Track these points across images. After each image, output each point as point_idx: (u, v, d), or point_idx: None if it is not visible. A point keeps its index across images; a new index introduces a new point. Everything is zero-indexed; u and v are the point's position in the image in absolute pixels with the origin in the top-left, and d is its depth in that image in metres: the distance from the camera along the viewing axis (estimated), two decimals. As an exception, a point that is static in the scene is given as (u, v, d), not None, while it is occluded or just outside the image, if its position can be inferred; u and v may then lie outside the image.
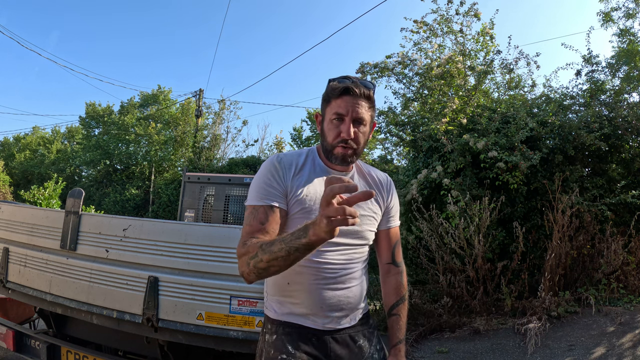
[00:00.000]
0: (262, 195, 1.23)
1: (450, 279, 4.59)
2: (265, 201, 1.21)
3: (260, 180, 1.26)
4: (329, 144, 1.26)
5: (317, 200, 1.24)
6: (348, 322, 1.30)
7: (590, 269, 4.59)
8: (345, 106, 1.22)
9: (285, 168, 1.26)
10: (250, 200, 1.25)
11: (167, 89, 24.46)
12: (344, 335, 1.29)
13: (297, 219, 1.23)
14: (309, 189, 1.26)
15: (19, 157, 26.92)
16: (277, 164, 1.26)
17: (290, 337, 1.24)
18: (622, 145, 5.38)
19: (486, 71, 6.18)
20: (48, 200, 11.31)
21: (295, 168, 1.27)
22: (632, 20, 6.41)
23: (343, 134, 1.22)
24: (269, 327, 1.30)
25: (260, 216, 1.20)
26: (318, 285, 1.25)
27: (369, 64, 6.55)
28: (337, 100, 1.23)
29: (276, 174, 1.25)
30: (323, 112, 1.30)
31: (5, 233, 2.67)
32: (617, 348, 3.40)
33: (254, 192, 1.25)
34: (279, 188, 1.23)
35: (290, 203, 1.24)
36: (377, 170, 1.45)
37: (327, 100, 1.27)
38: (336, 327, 1.28)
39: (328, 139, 1.26)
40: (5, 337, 2.62)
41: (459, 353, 3.87)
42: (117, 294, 2.19)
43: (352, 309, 1.31)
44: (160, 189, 17.11)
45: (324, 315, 1.26)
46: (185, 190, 4.51)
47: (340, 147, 1.24)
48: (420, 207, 4.89)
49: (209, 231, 2.14)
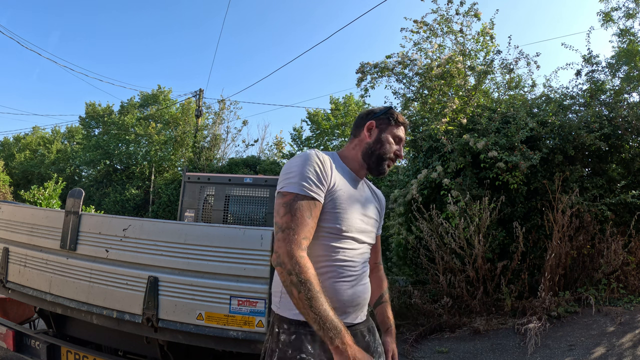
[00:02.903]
0: (308, 186, 1.22)
1: (450, 279, 4.60)
2: (311, 193, 1.22)
3: (305, 170, 1.24)
4: (381, 154, 1.43)
5: (348, 196, 1.33)
6: (361, 317, 1.38)
7: (590, 269, 4.59)
8: (404, 134, 1.51)
9: (326, 164, 1.30)
10: (292, 187, 1.22)
11: (167, 89, 24.51)
12: (356, 330, 1.34)
13: (329, 212, 1.28)
14: (343, 189, 1.33)
15: (19, 157, 26.93)
16: (322, 157, 1.30)
17: (310, 337, 1.24)
18: (622, 145, 5.38)
19: (486, 71, 6.17)
20: (48, 200, 11.30)
21: (331, 165, 1.32)
22: (632, 20, 6.42)
23: (400, 154, 1.47)
24: (286, 327, 1.28)
25: (304, 210, 1.20)
26: (342, 283, 1.29)
27: (369, 64, 6.55)
28: (400, 127, 1.49)
29: (323, 168, 1.27)
30: (380, 129, 1.46)
31: (5, 233, 2.67)
32: (617, 348, 3.40)
33: (297, 180, 1.22)
34: (325, 183, 1.27)
35: (329, 196, 1.28)
36: (373, 186, 1.65)
37: (390, 123, 1.47)
38: (352, 323, 1.34)
39: (384, 150, 1.44)
40: (5, 337, 2.62)
41: (459, 353, 3.87)
42: (117, 294, 2.19)
43: (365, 304, 1.40)
44: (160, 189, 17.13)
45: (344, 311, 1.31)
46: (185, 190, 4.50)
47: (390, 161, 1.45)
48: (420, 207, 4.89)
49: (209, 231, 2.13)
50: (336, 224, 1.29)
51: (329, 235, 1.29)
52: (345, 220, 1.30)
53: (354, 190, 1.39)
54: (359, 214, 1.36)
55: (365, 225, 1.39)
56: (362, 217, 1.38)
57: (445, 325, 4.45)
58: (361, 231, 1.37)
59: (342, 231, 1.30)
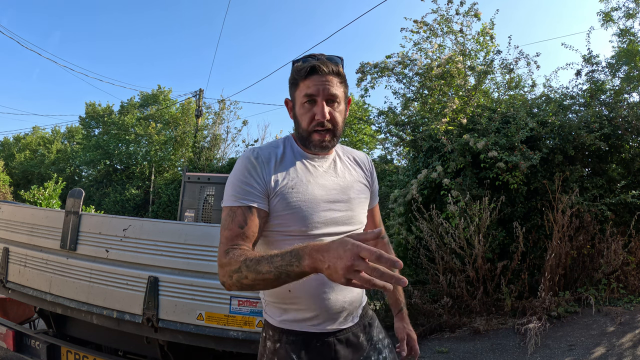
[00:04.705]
0: (239, 195, 1.14)
1: (450, 279, 4.59)
2: (242, 202, 1.13)
3: (236, 179, 1.16)
4: (304, 130, 1.19)
5: (302, 190, 1.17)
6: (351, 321, 1.26)
7: (590, 269, 4.59)
8: (314, 86, 1.15)
9: (264, 162, 1.17)
10: (227, 200, 1.15)
11: (167, 89, 24.52)
12: (347, 334, 1.25)
13: (282, 215, 1.15)
14: (294, 180, 1.17)
15: (19, 157, 26.93)
16: (254, 159, 1.17)
17: (293, 346, 1.20)
18: (622, 145, 5.38)
19: (486, 71, 6.17)
20: (48, 200, 11.30)
21: (275, 160, 1.19)
22: (632, 20, 6.42)
23: (318, 116, 1.15)
24: (271, 334, 1.24)
25: (239, 219, 1.11)
26: (322, 288, 1.18)
27: (369, 64, 6.55)
28: (305, 81, 1.16)
29: (253, 171, 1.15)
30: (292, 97, 1.23)
31: (5, 233, 2.67)
32: (617, 348, 3.40)
33: (230, 192, 1.16)
34: (258, 186, 1.14)
35: (274, 198, 1.15)
36: (354, 151, 1.40)
37: (295, 84, 1.19)
38: (340, 328, 1.24)
39: (303, 124, 1.19)
40: (5, 337, 2.62)
41: (459, 353, 3.87)
42: (117, 294, 2.19)
43: (355, 307, 1.27)
44: (160, 189, 17.13)
45: (329, 317, 1.21)
46: (185, 190, 4.50)
47: (317, 132, 1.17)
48: (420, 207, 4.89)
49: (209, 231, 2.13)
50: (295, 225, 1.15)
51: (292, 239, 1.15)
52: (304, 218, 1.15)
53: (311, 175, 1.20)
54: (324, 203, 1.18)
55: (338, 212, 1.20)
56: (330, 204, 1.19)
57: (445, 325, 4.45)
58: (333, 222, 1.19)
59: (305, 232, 1.15)
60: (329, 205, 1.19)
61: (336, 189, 1.23)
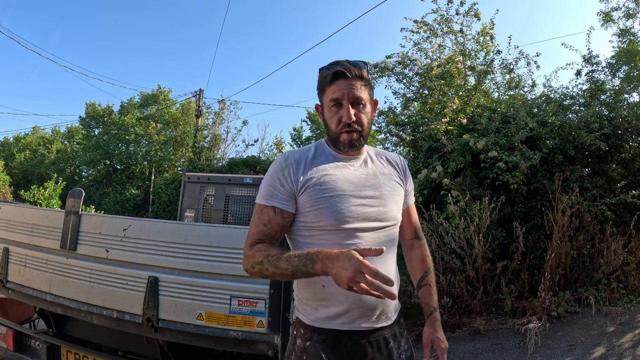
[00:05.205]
0: (267, 195, 1.26)
1: (450, 279, 4.60)
2: (269, 202, 1.25)
3: (266, 181, 1.28)
4: (333, 132, 1.27)
5: (331, 185, 1.23)
6: (384, 320, 1.26)
7: (590, 269, 4.59)
8: (339, 90, 1.23)
9: (293, 165, 1.26)
10: (258, 198, 1.28)
11: (167, 89, 24.45)
12: (378, 337, 1.25)
13: (312, 210, 1.22)
14: (323, 177, 1.24)
15: (19, 157, 26.91)
16: (284, 162, 1.27)
17: (324, 345, 1.21)
18: (622, 145, 5.38)
19: (486, 71, 6.17)
20: (48, 200, 11.29)
21: (305, 162, 1.27)
22: (632, 20, 6.42)
23: (344, 119, 1.23)
24: (302, 332, 1.26)
25: (264, 217, 1.24)
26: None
27: (369, 64, 6.54)
28: (331, 86, 1.24)
29: (281, 174, 1.25)
30: (321, 103, 1.31)
31: (5, 233, 2.67)
32: (617, 348, 3.40)
33: (261, 191, 1.28)
34: (283, 189, 1.24)
35: (304, 194, 1.22)
36: (388, 152, 1.45)
37: (322, 90, 1.28)
38: (373, 327, 1.24)
39: (331, 127, 1.27)
40: (5, 337, 2.62)
41: (459, 353, 3.87)
42: (117, 294, 2.19)
43: (388, 305, 1.26)
44: (160, 189, 17.12)
45: (361, 313, 1.21)
46: (185, 190, 4.50)
47: (345, 132, 1.24)
48: (420, 207, 4.88)
49: (209, 231, 2.14)
50: (325, 220, 1.20)
51: (324, 233, 1.21)
52: (335, 213, 1.20)
53: (341, 172, 1.26)
54: (355, 198, 1.23)
55: (369, 208, 1.24)
56: (361, 200, 1.24)
57: (445, 325, 4.45)
58: (365, 217, 1.23)
59: (336, 226, 1.20)
60: (361, 201, 1.24)
61: (367, 185, 1.28)
